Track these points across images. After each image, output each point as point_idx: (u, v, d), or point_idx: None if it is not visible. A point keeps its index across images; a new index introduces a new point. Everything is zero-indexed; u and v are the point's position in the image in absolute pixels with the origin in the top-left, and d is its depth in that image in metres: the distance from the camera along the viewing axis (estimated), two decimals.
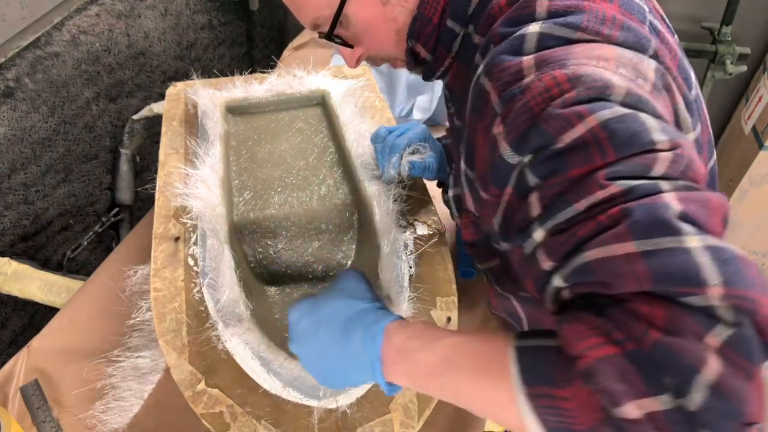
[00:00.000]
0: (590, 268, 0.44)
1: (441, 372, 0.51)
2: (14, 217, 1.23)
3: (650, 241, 0.41)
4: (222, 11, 1.73)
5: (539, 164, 0.49)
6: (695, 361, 0.38)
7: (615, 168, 0.45)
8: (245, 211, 0.95)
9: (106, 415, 0.83)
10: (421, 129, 0.96)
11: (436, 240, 0.87)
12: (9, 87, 1.15)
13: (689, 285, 0.39)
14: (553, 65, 0.50)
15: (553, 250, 0.47)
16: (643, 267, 0.41)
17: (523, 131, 0.50)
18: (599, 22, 0.53)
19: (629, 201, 0.43)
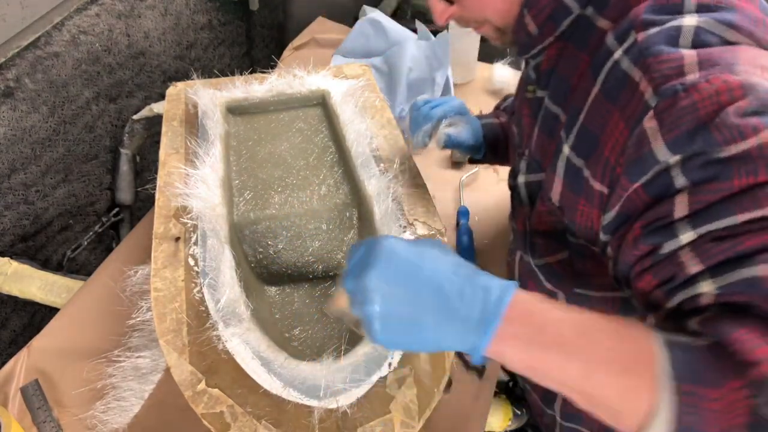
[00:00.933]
0: (758, 283, 0.43)
1: (572, 345, 0.45)
2: (14, 217, 1.23)
3: None
4: (222, 11, 1.73)
5: (695, 168, 0.48)
6: None
7: None
8: (245, 211, 0.95)
9: (106, 415, 0.83)
10: (458, 103, 0.99)
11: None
12: (9, 87, 1.15)
13: None
14: (722, 68, 0.48)
15: (708, 255, 0.46)
16: None
17: (687, 132, 0.48)
18: (752, 22, 0.51)
19: None
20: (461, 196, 1.19)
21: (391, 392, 0.71)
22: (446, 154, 1.28)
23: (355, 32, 1.50)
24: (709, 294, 0.46)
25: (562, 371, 0.45)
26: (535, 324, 0.46)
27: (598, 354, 0.44)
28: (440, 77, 1.26)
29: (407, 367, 0.73)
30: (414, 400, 0.70)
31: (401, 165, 0.98)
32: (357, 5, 1.65)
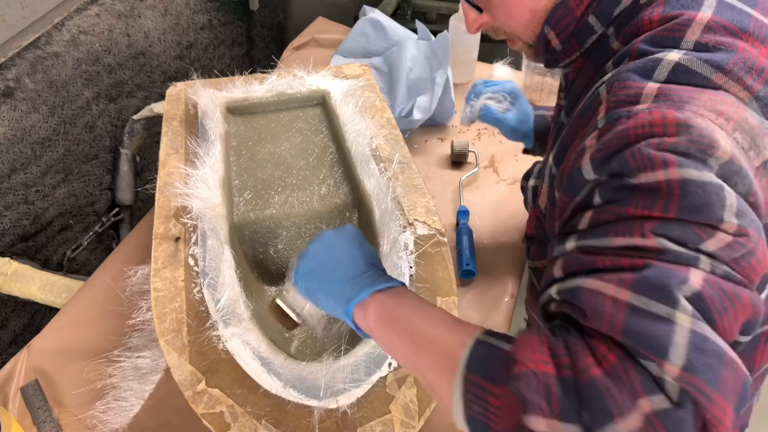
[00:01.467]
0: (580, 294, 0.46)
1: (404, 322, 0.55)
2: (14, 217, 1.23)
3: (644, 300, 0.42)
4: (222, 11, 1.73)
5: (609, 189, 0.49)
6: (617, 410, 0.40)
7: (668, 226, 0.45)
8: (245, 211, 0.95)
9: (106, 415, 0.83)
10: (512, 85, 1.00)
11: (436, 240, 0.87)
12: (9, 87, 1.15)
13: (651, 352, 0.41)
14: (671, 103, 0.48)
15: (569, 264, 0.49)
16: (623, 318, 0.42)
17: (609, 154, 0.49)
18: (746, 69, 0.50)
19: (658, 260, 0.44)
20: (461, 196, 1.19)
21: (391, 392, 0.71)
22: (446, 154, 1.28)
23: (355, 32, 1.50)
24: (554, 299, 0.49)
25: (395, 348, 0.56)
26: (384, 321, 0.56)
27: (425, 342, 0.53)
28: (440, 77, 1.26)
29: None
30: (414, 400, 0.70)
31: (401, 165, 0.98)
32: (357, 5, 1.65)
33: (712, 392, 0.40)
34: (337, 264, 0.62)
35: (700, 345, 0.40)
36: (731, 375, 0.41)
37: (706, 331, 0.41)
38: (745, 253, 0.45)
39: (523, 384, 0.43)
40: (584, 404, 0.41)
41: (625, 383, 0.41)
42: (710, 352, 0.40)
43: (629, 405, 0.40)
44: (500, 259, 1.08)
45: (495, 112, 0.99)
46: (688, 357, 0.40)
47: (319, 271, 0.63)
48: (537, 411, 0.42)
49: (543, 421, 0.42)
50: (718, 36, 0.51)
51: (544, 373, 0.43)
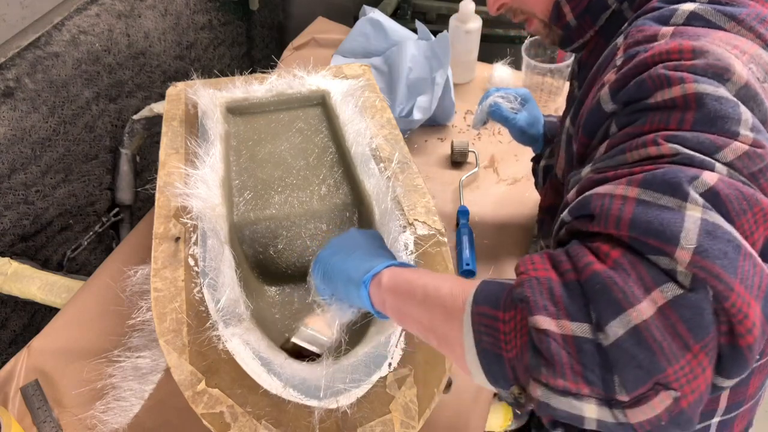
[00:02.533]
0: (589, 201, 0.45)
1: (416, 298, 0.54)
2: (14, 217, 1.23)
3: (653, 194, 0.41)
4: (222, 11, 1.73)
5: (625, 115, 0.49)
6: (625, 300, 0.38)
7: (682, 135, 0.44)
8: (245, 211, 0.95)
9: (106, 415, 0.83)
10: (523, 90, 1.01)
11: (436, 240, 0.87)
12: (9, 87, 1.15)
13: (661, 240, 0.39)
14: (687, 36, 0.50)
15: (583, 187, 0.48)
16: (630, 211, 0.41)
17: (626, 79, 0.50)
18: (758, 20, 0.52)
19: (670, 163, 0.43)
20: (461, 196, 1.19)
21: (391, 392, 0.71)
22: (446, 154, 1.28)
23: (355, 32, 1.50)
24: (565, 222, 0.48)
25: (408, 314, 0.55)
26: (396, 286, 0.57)
27: (432, 303, 0.52)
28: (440, 77, 1.26)
29: (407, 367, 0.73)
30: (414, 400, 0.70)
31: (401, 165, 0.98)
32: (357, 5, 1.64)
33: (729, 279, 0.37)
34: (356, 246, 0.65)
35: (712, 231, 0.38)
36: (752, 269, 0.38)
37: (718, 220, 0.39)
38: (763, 167, 0.43)
39: (526, 289, 0.42)
40: (590, 300, 0.40)
41: (631, 275, 0.39)
42: (724, 240, 0.38)
43: (638, 295, 0.38)
44: (500, 258, 1.08)
45: (505, 110, 1.00)
46: (700, 241, 0.38)
47: (338, 255, 0.65)
48: (543, 312, 0.41)
49: (551, 321, 0.40)
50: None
51: (547, 278, 0.42)
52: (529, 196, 1.19)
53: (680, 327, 0.37)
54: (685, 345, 0.37)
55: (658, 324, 0.37)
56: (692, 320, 0.37)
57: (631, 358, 0.37)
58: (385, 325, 0.77)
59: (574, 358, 0.39)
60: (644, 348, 0.37)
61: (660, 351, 0.37)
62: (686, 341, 0.37)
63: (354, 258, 0.63)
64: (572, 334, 0.39)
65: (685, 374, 0.37)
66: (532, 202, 1.19)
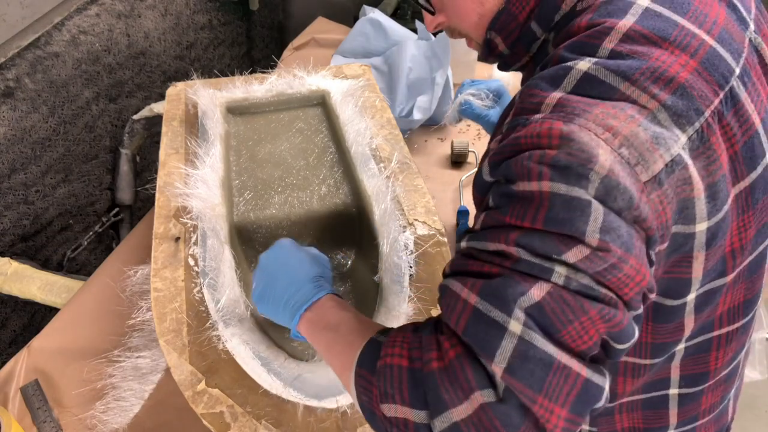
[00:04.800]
0: (444, 292, 0.52)
1: (328, 332, 0.63)
2: (14, 217, 1.23)
3: (486, 306, 0.48)
4: (222, 11, 1.73)
5: (497, 194, 0.52)
6: (450, 400, 0.47)
7: (531, 237, 0.48)
8: (245, 211, 0.95)
9: (106, 415, 0.83)
10: (497, 84, 1.01)
11: (436, 240, 0.87)
12: (9, 87, 1.15)
13: (483, 353, 0.47)
14: (563, 115, 0.49)
15: (453, 263, 0.54)
16: (466, 317, 0.48)
17: (501, 160, 0.52)
18: (653, 78, 0.50)
19: (511, 270, 0.48)
20: (461, 196, 1.19)
21: None
22: (446, 154, 1.28)
23: (355, 32, 1.50)
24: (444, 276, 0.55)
25: (324, 353, 0.64)
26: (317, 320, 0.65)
27: (338, 346, 0.61)
28: (440, 77, 1.26)
29: None
30: None
31: (401, 165, 0.98)
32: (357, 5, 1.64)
33: (533, 394, 0.45)
34: (271, 292, 0.70)
35: (525, 351, 0.45)
36: (561, 380, 0.45)
37: (534, 338, 0.46)
38: (608, 266, 0.46)
39: (381, 377, 0.52)
40: (428, 392, 0.48)
41: (458, 377, 0.47)
42: (535, 359, 0.45)
43: (461, 396, 0.47)
44: None
45: (476, 108, 1.00)
46: (511, 361, 0.45)
47: (264, 297, 0.71)
48: (390, 400, 0.50)
49: (396, 407, 0.50)
50: (635, 45, 0.51)
51: (399, 366, 0.51)
52: None
53: (495, 423, 0.46)
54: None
55: (474, 421, 0.46)
56: (503, 420, 0.46)
57: None
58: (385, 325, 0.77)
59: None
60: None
61: None
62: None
63: (273, 309, 0.70)
64: (412, 420, 0.49)
65: None
66: None
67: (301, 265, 0.71)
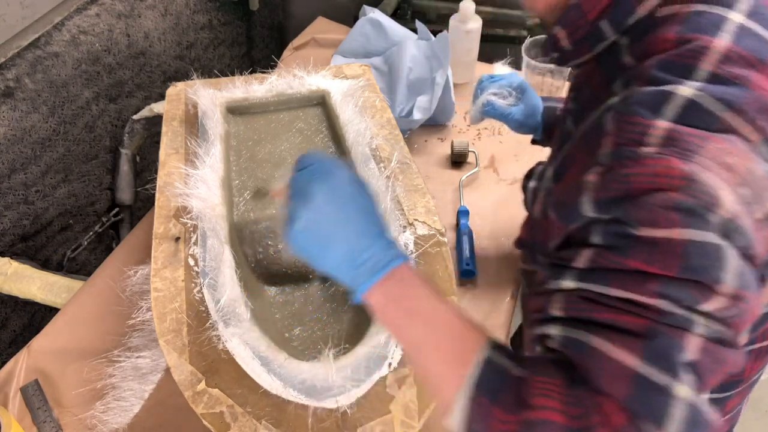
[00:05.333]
0: (588, 351, 0.48)
1: (415, 323, 0.54)
2: (14, 217, 1.23)
3: (650, 370, 0.45)
4: (222, 11, 1.73)
5: (611, 234, 0.49)
6: None
7: (668, 286, 0.46)
8: (245, 211, 0.95)
9: (106, 415, 0.83)
10: (517, 80, 0.99)
11: (436, 240, 0.87)
12: (9, 87, 1.15)
13: (652, 421, 0.44)
14: (678, 151, 0.47)
15: (570, 307, 0.51)
16: (629, 385, 0.45)
17: (614, 199, 0.49)
18: (760, 109, 0.48)
19: (659, 323, 0.46)
20: (461, 196, 1.19)
21: (391, 392, 0.71)
22: (446, 154, 1.28)
23: (355, 32, 1.50)
24: (556, 337, 0.51)
25: (403, 336, 0.55)
26: (401, 293, 0.55)
27: (434, 339, 0.53)
28: (440, 77, 1.26)
29: (407, 367, 0.73)
30: (414, 400, 0.70)
31: (401, 165, 0.98)
32: (357, 5, 1.64)
33: None
34: (327, 233, 0.56)
35: (694, 418, 0.44)
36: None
37: (700, 403, 0.45)
38: (741, 312, 0.46)
39: (531, 428, 0.46)
40: None
41: None
42: (701, 423, 0.44)
43: None
44: (500, 259, 1.08)
45: (499, 107, 0.97)
46: (681, 427, 0.44)
47: (313, 237, 0.56)
48: None
49: None
50: (735, 68, 0.49)
51: (558, 423, 0.46)
52: None
53: None
54: None
55: None
56: None
57: None
58: None
59: None
60: None
61: None
62: None
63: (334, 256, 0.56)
64: None
65: None
66: None
67: (371, 214, 0.58)
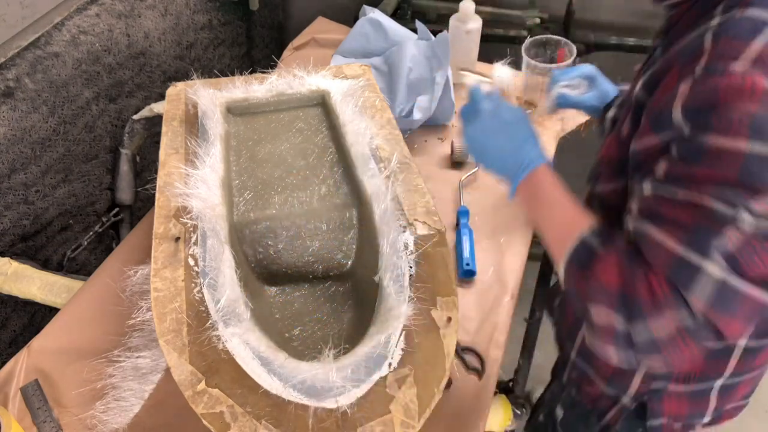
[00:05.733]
0: (646, 240, 0.60)
1: (544, 208, 0.73)
2: (14, 217, 1.23)
3: (689, 252, 0.57)
4: (222, 11, 1.73)
5: (685, 147, 0.58)
6: (653, 322, 0.58)
7: (723, 188, 0.55)
8: (245, 211, 0.95)
9: (106, 415, 0.83)
10: (589, 68, 1.06)
11: (436, 240, 0.87)
12: (9, 87, 1.15)
13: (686, 289, 0.57)
14: (765, 70, 0.53)
15: (645, 207, 0.62)
16: (670, 262, 0.58)
17: (699, 106, 0.56)
18: None
19: (708, 220, 0.56)
20: (461, 196, 1.19)
21: (391, 392, 0.71)
22: (446, 154, 1.28)
23: (355, 32, 1.50)
24: (630, 227, 0.64)
25: (535, 217, 0.75)
26: (540, 185, 0.74)
27: (553, 221, 0.72)
28: (440, 77, 1.26)
29: (407, 367, 0.73)
30: (414, 400, 0.70)
31: (401, 165, 0.98)
32: (357, 5, 1.64)
33: (726, 323, 0.56)
34: (505, 135, 0.77)
35: (723, 294, 0.56)
36: (747, 310, 0.57)
37: (733, 281, 0.55)
38: None
39: (592, 285, 0.63)
40: (632, 311, 0.59)
41: (663, 308, 0.57)
42: (731, 298, 0.56)
43: (663, 322, 0.58)
44: (500, 259, 1.08)
45: (571, 97, 1.04)
46: (713, 302, 0.56)
47: (489, 141, 0.78)
48: (600, 304, 0.61)
49: (604, 310, 0.61)
50: None
51: (609, 284, 0.61)
52: None
53: (687, 340, 0.58)
54: (691, 353, 0.60)
55: (673, 337, 0.58)
56: (696, 337, 0.58)
57: (647, 350, 0.60)
58: (385, 325, 0.77)
59: (611, 338, 0.62)
60: (658, 352, 0.60)
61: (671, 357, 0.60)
62: (692, 351, 0.60)
63: (505, 149, 0.76)
64: (614, 325, 0.61)
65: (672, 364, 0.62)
66: None
67: (521, 128, 0.77)
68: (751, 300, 0.56)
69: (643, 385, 0.85)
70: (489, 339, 0.97)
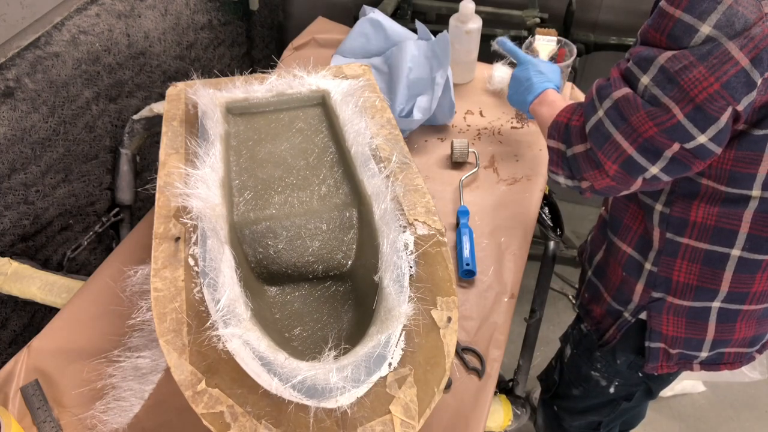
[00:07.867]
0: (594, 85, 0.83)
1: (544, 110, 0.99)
2: (14, 217, 1.23)
3: (595, 98, 0.80)
4: (222, 11, 1.73)
5: (654, 15, 0.73)
6: (576, 144, 0.84)
7: (641, 50, 0.74)
8: (245, 211, 0.95)
9: (106, 415, 0.83)
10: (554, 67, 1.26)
11: (436, 240, 0.87)
12: (9, 87, 1.15)
13: (586, 121, 0.82)
14: None
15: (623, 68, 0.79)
16: (587, 103, 0.83)
17: None
18: None
19: (618, 71, 0.78)
20: (461, 196, 1.19)
21: (391, 392, 0.71)
22: (446, 154, 1.28)
23: (355, 32, 1.50)
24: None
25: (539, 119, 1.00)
26: (545, 97, 1.02)
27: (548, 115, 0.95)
28: (440, 77, 1.26)
29: (407, 367, 0.73)
30: (414, 400, 0.70)
31: (401, 165, 0.98)
32: (357, 5, 1.65)
33: (598, 151, 0.78)
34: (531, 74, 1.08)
35: (599, 126, 0.78)
36: (613, 149, 0.76)
37: (605, 121, 0.77)
38: (684, 66, 0.68)
39: (553, 125, 0.88)
40: (569, 138, 0.84)
41: (575, 133, 0.83)
42: (602, 132, 0.77)
43: (578, 143, 0.82)
44: (500, 259, 1.08)
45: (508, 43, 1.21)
46: (591, 130, 0.79)
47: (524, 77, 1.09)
48: (553, 137, 0.87)
49: (553, 142, 0.87)
50: None
51: (561, 121, 0.87)
52: (529, 196, 1.19)
53: (580, 162, 0.84)
54: None
55: (582, 156, 0.83)
56: (585, 163, 0.83)
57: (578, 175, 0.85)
58: (385, 325, 0.77)
59: (559, 159, 0.88)
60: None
61: None
62: None
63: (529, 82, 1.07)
64: (558, 148, 0.87)
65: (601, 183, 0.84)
66: (532, 202, 1.19)
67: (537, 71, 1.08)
68: (615, 143, 0.74)
69: (645, 295, 0.93)
70: (489, 339, 0.97)
